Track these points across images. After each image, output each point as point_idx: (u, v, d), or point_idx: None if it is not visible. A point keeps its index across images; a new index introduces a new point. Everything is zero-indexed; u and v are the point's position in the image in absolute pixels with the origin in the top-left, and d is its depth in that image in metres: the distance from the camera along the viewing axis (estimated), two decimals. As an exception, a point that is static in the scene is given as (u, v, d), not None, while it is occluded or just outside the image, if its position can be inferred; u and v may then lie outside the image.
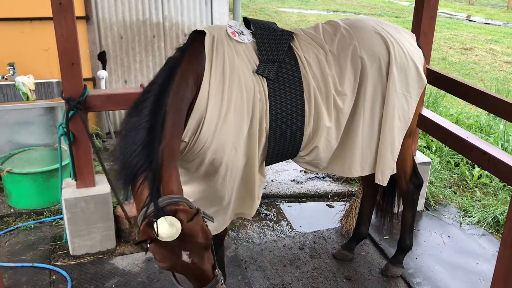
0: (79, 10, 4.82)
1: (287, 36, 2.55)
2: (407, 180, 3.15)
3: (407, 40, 2.78)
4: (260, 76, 2.38)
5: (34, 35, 4.83)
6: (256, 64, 2.39)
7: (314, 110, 2.52)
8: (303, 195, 4.41)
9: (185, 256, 1.79)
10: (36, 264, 3.30)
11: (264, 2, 18.94)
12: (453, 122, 3.73)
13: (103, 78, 4.93)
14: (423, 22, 3.55)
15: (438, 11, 3.70)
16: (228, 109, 2.25)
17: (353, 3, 20.40)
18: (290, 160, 2.74)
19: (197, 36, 2.35)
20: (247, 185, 2.51)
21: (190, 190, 2.43)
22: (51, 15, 2.97)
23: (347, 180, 4.63)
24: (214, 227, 2.46)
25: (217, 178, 2.35)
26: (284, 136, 2.49)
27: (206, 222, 1.88)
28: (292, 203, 4.31)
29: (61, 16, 2.95)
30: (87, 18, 4.96)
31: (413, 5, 3.71)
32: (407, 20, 14.79)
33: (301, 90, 2.47)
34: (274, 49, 2.47)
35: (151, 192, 1.79)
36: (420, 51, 2.83)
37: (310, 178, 4.68)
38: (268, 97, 2.39)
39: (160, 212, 1.72)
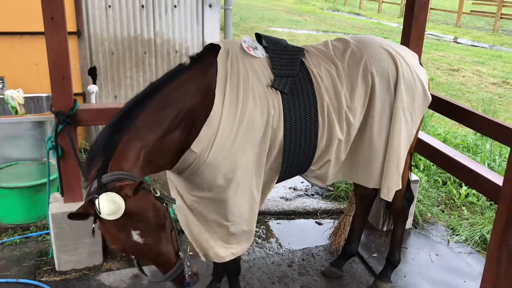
0: (70, 26, 4.82)
1: (299, 51, 2.58)
2: (402, 196, 3.18)
3: (412, 59, 2.84)
4: (275, 90, 2.40)
5: (25, 50, 4.83)
6: (270, 79, 2.41)
7: (328, 124, 2.54)
8: (292, 212, 4.40)
9: (135, 236, 1.75)
10: (21, 280, 3.24)
11: (255, 21, 19.17)
12: (440, 141, 3.78)
13: (93, 92, 4.93)
14: (411, 42, 3.61)
15: (426, 33, 3.77)
16: (242, 123, 2.26)
17: (342, 24, 20.71)
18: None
19: (211, 49, 2.39)
20: (255, 201, 2.48)
21: (202, 207, 2.41)
22: (42, 30, 2.98)
23: (336, 198, 4.65)
24: (232, 251, 2.48)
25: (230, 194, 2.34)
26: (299, 150, 2.51)
27: (166, 204, 1.89)
28: (281, 220, 4.30)
29: (52, 31, 2.96)
30: (78, 33, 4.98)
31: (402, 27, 3.79)
32: (396, 41, 14.99)
33: (315, 104, 2.50)
34: (288, 64, 2.49)
35: (97, 169, 1.80)
36: (424, 70, 2.89)
37: (299, 195, 4.69)
38: (283, 111, 2.40)
39: (102, 188, 1.70)
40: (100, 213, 1.67)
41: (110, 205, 1.67)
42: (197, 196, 2.41)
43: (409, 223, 4.14)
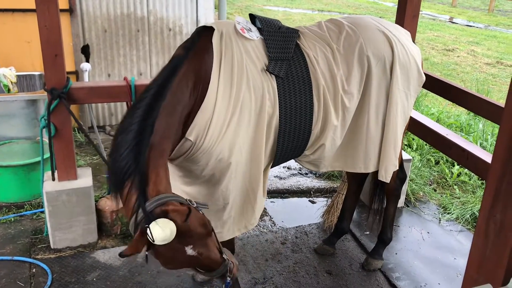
0: (62, 3, 4.77)
1: (294, 33, 2.53)
2: (395, 175, 3.20)
3: (406, 38, 2.82)
4: (269, 74, 2.35)
5: (16, 27, 4.77)
6: (265, 62, 2.36)
7: (323, 109, 2.51)
8: (286, 191, 4.44)
9: (189, 251, 1.76)
10: (15, 258, 3.26)
11: (249, 0, 18.95)
12: (434, 121, 3.80)
13: (86, 70, 4.87)
14: (406, 20, 3.60)
15: (421, 12, 3.75)
16: (236, 108, 2.22)
17: (338, 3, 20.54)
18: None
19: (204, 32, 2.31)
20: (253, 186, 2.45)
21: (195, 192, 2.38)
22: (33, 7, 2.94)
23: (329, 177, 4.68)
24: (223, 235, 2.44)
25: (223, 179, 2.30)
26: (293, 135, 2.48)
27: (201, 211, 1.86)
28: (275, 198, 4.33)
29: (44, 7, 2.92)
30: (70, 10, 4.91)
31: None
32: (391, 20, 14.91)
33: (310, 88, 2.46)
34: (283, 46, 2.44)
35: (137, 197, 1.74)
36: (418, 48, 2.88)
37: (293, 174, 4.71)
38: (278, 95, 2.36)
39: (150, 217, 1.67)
40: (154, 241, 1.64)
41: (162, 232, 1.64)
42: (189, 183, 2.37)
43: (401, 202, 4.18)
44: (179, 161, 2.27)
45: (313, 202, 4.31)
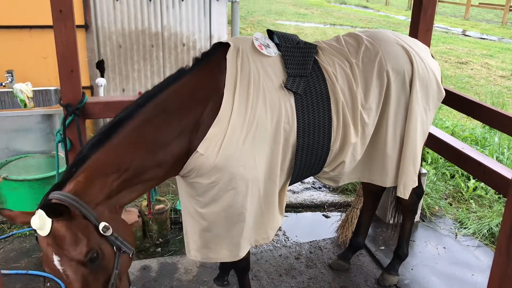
0: (78, 19, 4.85)
1: (312, 49, 2.51)
2: (412, 190, 3.17)
3: (425, 53, 2.80)
4: (287, 91, 2.33)
5: (33, 43, 4.85)
6: (283, 79, 2.34)
7: (342, 125, 2.48)
8: (299, 205, 4.41)
9: (56, 261, 1.72)
10: (30, 272, 3.27)
11: (261, 14, 19.12)
12: (448, 134, 3.76)
13: (101, 85, 4.94)
14: (419, 34, 3.59)
15: (434, 25, 3.74)
16: (251, 125, 2.19)
17: (350, 16, 20.60)
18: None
19: (220, 48, 2.32)
20: (268, 204, 2.41)
21: (210, 213, 2.30)
22: (50, 23, 2.98)
23: (343, 191, 4.64)
24: (234, 253, 2.39)
25: (238, 197, 2.25)
26: (311, 152, 2.44)
27: (123, 249, 1.85)
28: (288, 213, 4.31)
29: (61, 24, 2.96)
30: (86, 26, 4.99)
31: (409, 20, 3.76)
32: (403, 34, 14.92)
33: (329, 105, 2.43)
34: (301, 62, 2.42)
35: (53, 186, 1.85)
36: (437, 63, 2.86)
37: (307, 188, 4.69)
38: (296, 112, 2.34)
39: (43, 202, 1.76)
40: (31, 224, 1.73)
41: (38, 220, 1.70)
42: (204, 204, 2.30)
43: (416, 216, 4.13)
44: (193, 178, 2.22)
45: (327, 217, 4.28)
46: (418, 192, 3.22)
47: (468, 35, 17.33)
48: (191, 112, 2.15)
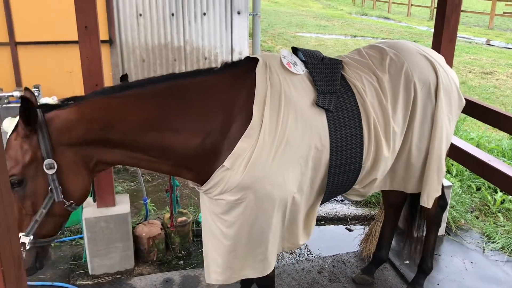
0: (103, 34, 4.93)
1: (338, 64, 2.48)
2: (436, 202, 3.12)
3: (444, 62, 2.80)
4: (319, 108, 2.30)
5: (59, 58, 4.97)
6: (314, 96, 2.31)
7: (374, 141, 2.44)
8: (322, 218, 4.37)
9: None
10: (55, 283, 3.32)
11: (282, 27, 19.20)
12: (474, 146, 3.69)
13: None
14: (442, 45, 3.55)
15: (457, 35, 3.69)
16: (281, 143, 2.15)
17: (371, 28, 20.53)
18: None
19: (248, 62, 2.30)
20: (292, 225, 2.37)
21: (234, 232, 2.22)
22: (75, 39, 3.06)
23: (366, 204, 4.59)
24: (260, 270, 2.35)
25: (263, 215, 2.20)
26: (344, 170, 2.39)
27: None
28: (310, 226, 4.27)
29: (86, 39, 3.03)
30: (110, 41, 5.09)
31: (432, 30, 3.73)
32: (426, 44, 14.77)
33: (360, 121, 2.39)
34: (329, 79, 2.39)
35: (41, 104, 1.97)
36: (454, 72, 2.85)
37: (329, 201, 4.65)
38: (328, 130, 2.31)
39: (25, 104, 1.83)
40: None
41: (8, 122, 1.85)
42: (229, 224, 2.22)
43: (442, 230, 4.05)
44: (218, 194, 2.17)
45: (350, 230, 4.23)
46: (442, 204, 3.17)
47: (492, 45, 17.06)
48: (214, 113, 2.14)
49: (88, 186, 2.06)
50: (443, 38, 3.56)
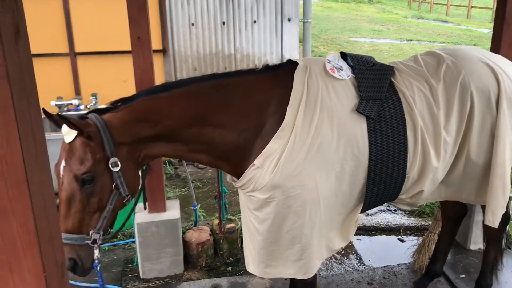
0: (156, 44, 5.10)
1: (388, 71, 2.43)
2: None
3: (511, 69, 2.63)
4: (360, 114, 2.26)
5: (115, 68, 5.17)
6: (356, 102, 2.28)
7: (421, 151, 2.36)
8: (373, 228, 4.27)
9: (61, 166, 1.96)
10: (107, 286, 3.42)
11: (335, 32, 19.02)
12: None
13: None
14: (502, 49, 3.38)
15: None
16: (314, 145, 2.14)
17: (427, 31, 19.95)
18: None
19: (288, 66, 2.33)
20: (327, 229, 2.35)
21: (265, 229, 2.26)
22: (129, 49, 3.17)
23: (420, 214, 4.44)
24: (295, 270, 2.34)
25: (293, 216, 2.20)
26: (385, 180, 2.34)
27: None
28: (361, 236, 4.18)
29: (139, 50, 3.13)
30: (163, 51, 5.23)
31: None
32: (487, 48, 14.20)
33: (404, 130, 2.33)
34: (375, 85, 2.34)
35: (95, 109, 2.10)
36: None
37: (381, 211, 4.54)
38: (368, 137, 2.27)
39: (84, 116, 2.00)
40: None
41: (66, 128, 1.92)
42: (261, 220, 2.28)
43: (502, 244, 3.84)
44: (250, 191, 2.23)
45: (402, 241, 4.10)
46: (504, 219, 2.99)
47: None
48: (249, 110, 2.19)
49: (139, 179, 2.20)
50: (503, 41, 3.38)
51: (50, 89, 5.07)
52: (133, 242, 3.89)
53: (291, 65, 2.32)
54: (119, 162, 2.00)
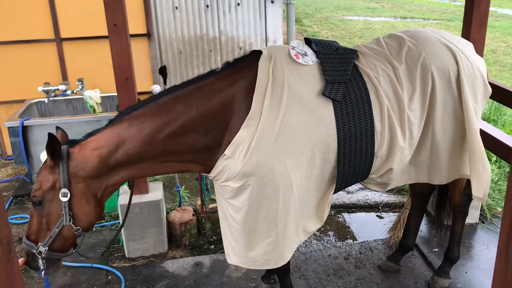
0: (140, 28, 5.16)
1: (351, 54, 2.48)
2: (462, 191, 3.08)
3: (469, 49, 2.72)
4: (326, 98, 2.32)
5: (100, 52, 5.22)
6: (321, 86, 2.33)
7: (388, 130, 2.43)
8: (353, 205, 4.40)
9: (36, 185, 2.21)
10: (95, 265, 3.56)
11: (329, 11, 18.91)
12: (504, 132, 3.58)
13: (156, 92, 5.22)
14: (472, 29, 3.45)
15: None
16: (282, 131, 2.20)
17: (422, 8, 19.83)
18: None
19: (252, 56, 2.37)
20: (306, 210, 2.43)
21: (241, 217, 2.33)
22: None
23: (399, 191, 4.56)
24: (273, 262, 2.43)
25: (268, 202, 2.27)
26: (354, 160, 2.40)
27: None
28: (341, 213, 4.31)
29: (115, 36, 3.20)
30: (148, 35, 5.28)
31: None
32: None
33: (370, 110, 2.39)
34: (340, 69, 2.39)
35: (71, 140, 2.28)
36: (482, 59, 2.77)
37: (361, 188, 4.65)
38: (335, 119, 2.32)
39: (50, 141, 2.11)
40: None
41: (43, 155, 2.16)
42: (236, 209, 2.34)
43: (475, 218, 3.98)
44: (223, 181, 2.30)
45: (380, 217, 4.23)
46: (468, 193, 3.11)
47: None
48: (214, 111, 2.24)
49: (94, 216, 2.28)
50: (473, 22, 3.46)
51: (37, 75, 5.14)
52: (119, 223, 4.02)
53: (255, 55, 2.36)
54: (68, 194, 2.16)
